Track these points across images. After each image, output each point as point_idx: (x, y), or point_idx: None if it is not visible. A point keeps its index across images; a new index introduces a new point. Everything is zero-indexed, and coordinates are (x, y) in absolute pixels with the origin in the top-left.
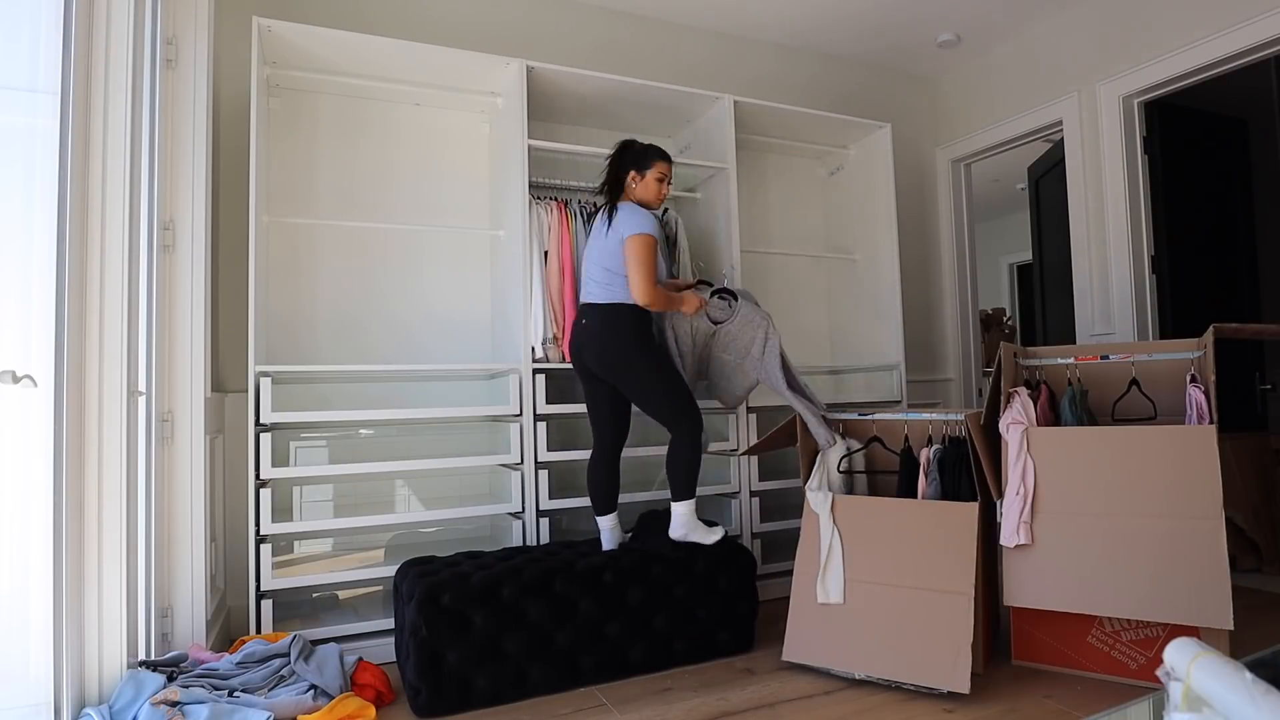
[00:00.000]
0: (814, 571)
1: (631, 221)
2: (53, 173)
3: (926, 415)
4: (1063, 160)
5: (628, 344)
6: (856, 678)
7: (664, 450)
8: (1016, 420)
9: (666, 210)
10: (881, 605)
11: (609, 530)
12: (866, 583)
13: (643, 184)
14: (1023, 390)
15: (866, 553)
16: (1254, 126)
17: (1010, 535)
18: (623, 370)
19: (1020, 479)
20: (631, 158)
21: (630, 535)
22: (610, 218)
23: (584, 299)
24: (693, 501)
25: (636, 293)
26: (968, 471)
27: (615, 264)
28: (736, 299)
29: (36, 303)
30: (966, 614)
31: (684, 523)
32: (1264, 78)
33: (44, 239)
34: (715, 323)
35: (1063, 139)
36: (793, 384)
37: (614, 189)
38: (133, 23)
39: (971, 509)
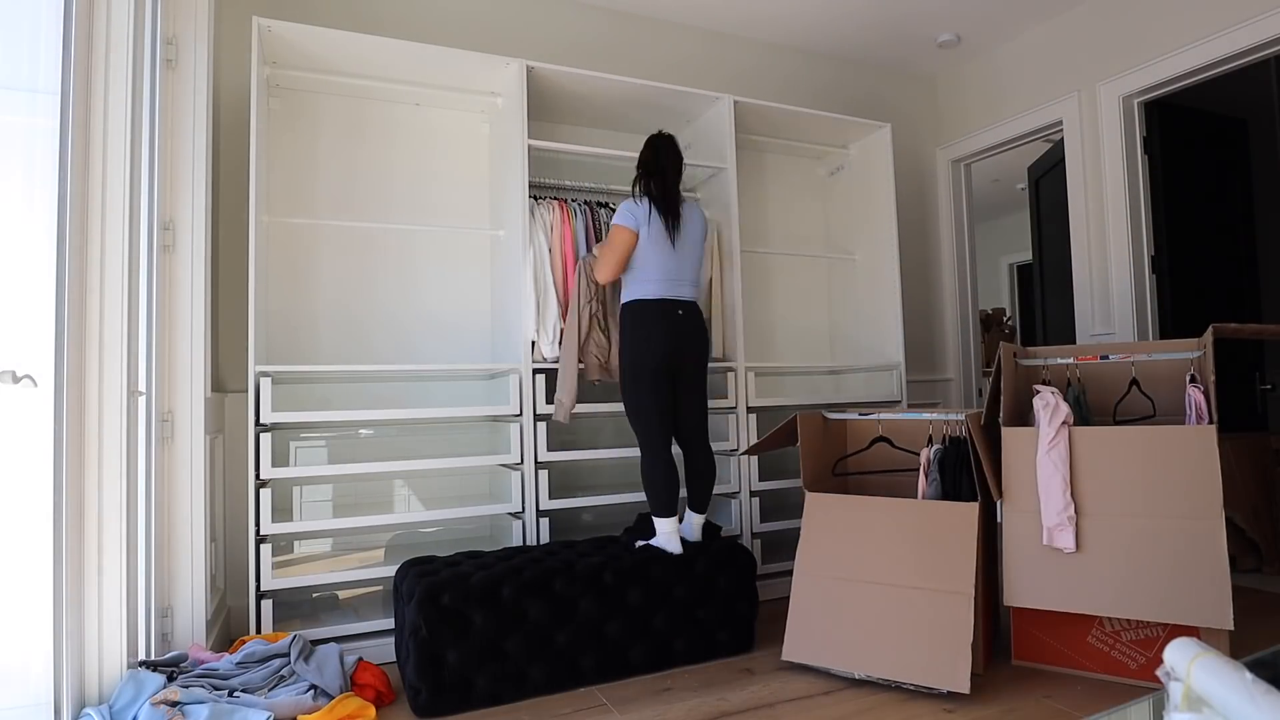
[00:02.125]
0: (814, 571)
1: (704, 224)
2: (53, 173)
3: (926, 415)
4: (1063, 160)
5: (709, 344)
6: (856, 678)
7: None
8: (1056, 412)
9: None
10: (881, 605)
11: (673, 534)
12: (867, 583)
13: None
14: (1053, 390)
15: (866, 552)
16: (1254, 126)
17: (1055, 536)
18: (704, 368)
19: (1058, 473)
20: (681, 162)
21: (626, 532)
22: (677, 223)
23: (677, 296)
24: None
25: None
26: (968, 471)
27: (698, 267)
28: None
29: (36, 303)
30: (966, 614)
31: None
32: (1264, 77)
33: (44, 239)
34: None
35: (1063, 139)
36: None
37: (676, 185)
38: (133, 23)
39: (971, 509)
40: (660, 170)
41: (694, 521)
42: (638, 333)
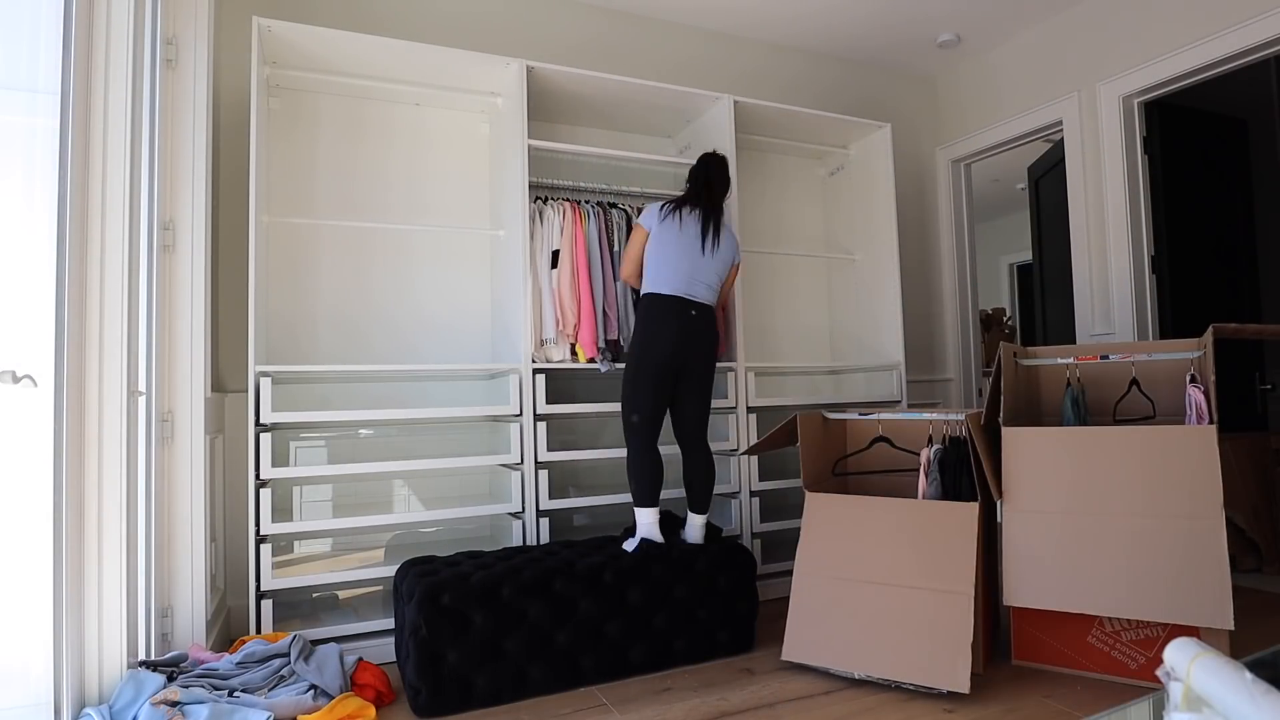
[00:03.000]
0: (814, 571)
1: (737, 248)
2: (53, 173)
3: (926, 415)
4: (1063, 160)
5: (717, 347)
6: (856, 678)
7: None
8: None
9: None
10: (881, 605)
11: (653, 524)
12: (867, 582)
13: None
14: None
15: (866, 552)
16: (1254, 126)
17: None
18: (711, 369)
19: None
20: (727, 179)
21: (625, 531)
22: (715, 232)
23: (689, 297)
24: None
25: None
26: (968, 471)
27: (721, 280)
28: None
29: (36, 303)
30: (966, 614)
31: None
32: (1264, 77)
33: (44, 239)
34: None
35: (1063, 139)
36: None
37: (717, 202)
38: (133, 23)
39: (971, 509)
40: (706, 181)
41: (695, 523)
42: (649, 327)
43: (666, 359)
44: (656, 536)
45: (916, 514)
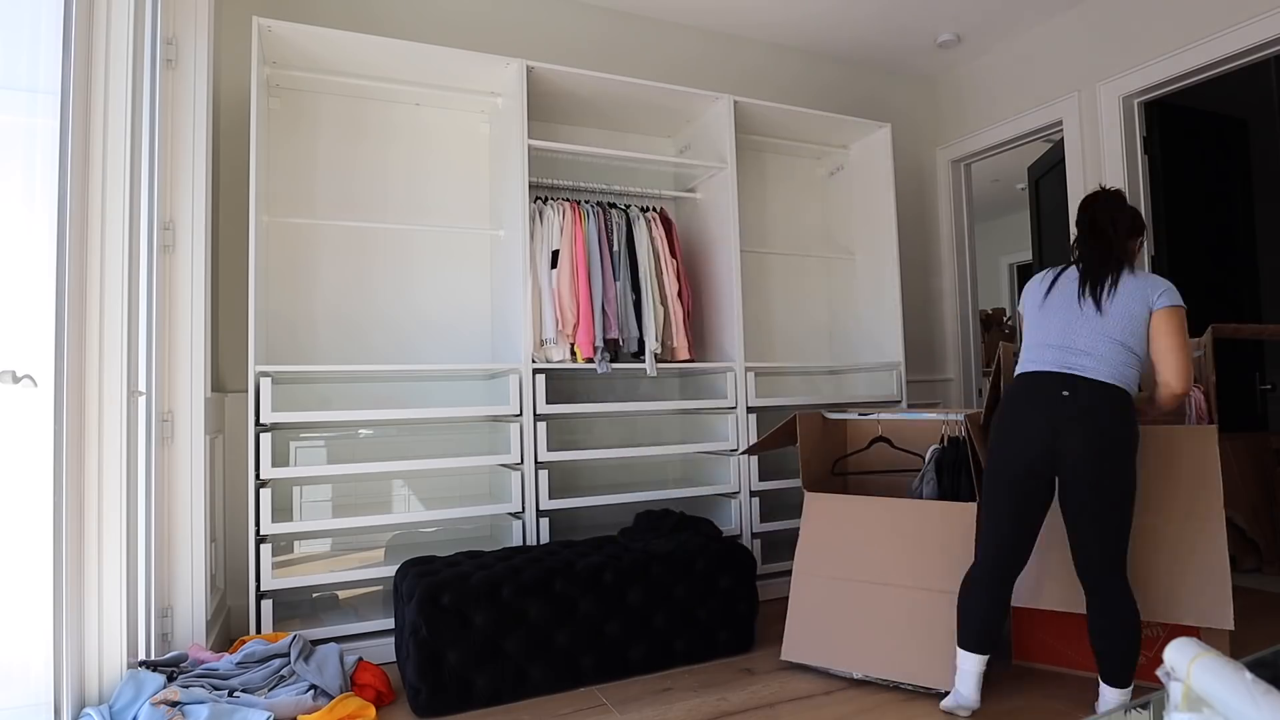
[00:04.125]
0: (814, 571)
1: (1168, 292)
2: (53, 173)
3: (927, 415)
4: (1063, 160)
5: (1131, 437)
6: (856, 678)
7: (669, 450)
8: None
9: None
10: (881, 605)
11: (973, 674)
12: (866, 582)
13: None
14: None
15: (865, 552)
16: (1254, 126)
17: None
18: (1114, 464)
19: None
20: (1137, 225)
21: (622, 533)
22: (1109, 287)
23: (1068, 370)
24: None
25: (1177, 379)
26: (967, 472)
27: (1137, 341)
28: None
29: (36, 303)
30: None
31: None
32: (1264, 78)
33: (44, 239)
34: None
35: (1063, 139)
36: None
37: (1113, 250)
38: (133, 23)
39: (971, 509)
40: (1086, 233)
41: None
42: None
43: (1024, 461)
44: (964, 692)
45: (915, 514)
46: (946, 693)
